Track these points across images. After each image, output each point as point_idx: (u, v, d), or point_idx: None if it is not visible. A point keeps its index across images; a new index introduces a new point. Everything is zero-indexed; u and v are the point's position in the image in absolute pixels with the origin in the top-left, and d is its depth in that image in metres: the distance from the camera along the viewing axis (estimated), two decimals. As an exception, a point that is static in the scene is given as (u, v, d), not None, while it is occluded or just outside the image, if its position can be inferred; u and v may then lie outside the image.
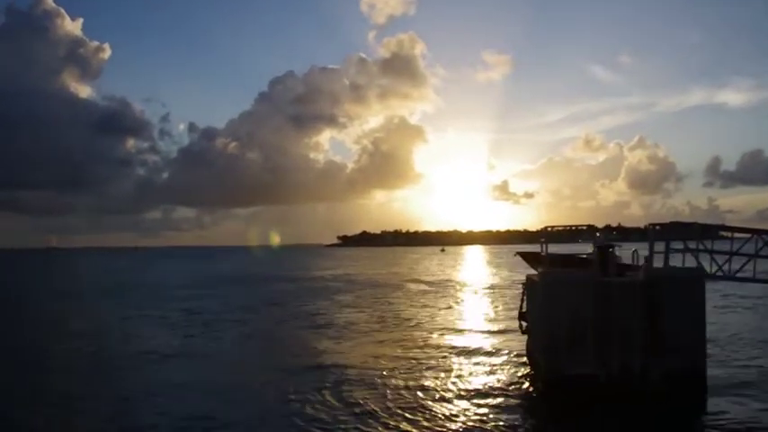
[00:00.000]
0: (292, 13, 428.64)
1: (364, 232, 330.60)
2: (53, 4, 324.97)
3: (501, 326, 22.13)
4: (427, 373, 14.70)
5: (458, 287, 41.72)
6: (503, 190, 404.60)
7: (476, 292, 37.46)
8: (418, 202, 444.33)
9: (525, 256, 16.39)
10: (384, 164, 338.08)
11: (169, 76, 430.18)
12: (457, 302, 32.14)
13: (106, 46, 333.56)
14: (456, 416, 11.24)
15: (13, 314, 30.01)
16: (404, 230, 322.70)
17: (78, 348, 19.60)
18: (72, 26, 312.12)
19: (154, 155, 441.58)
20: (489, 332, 21.19)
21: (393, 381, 13.85)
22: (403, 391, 12.86)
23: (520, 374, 14.31)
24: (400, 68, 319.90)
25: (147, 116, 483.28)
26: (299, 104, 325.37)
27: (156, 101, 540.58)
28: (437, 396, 12.57)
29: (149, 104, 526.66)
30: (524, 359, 15.32)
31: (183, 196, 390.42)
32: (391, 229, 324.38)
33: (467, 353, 17.36)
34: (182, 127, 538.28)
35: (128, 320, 26.11)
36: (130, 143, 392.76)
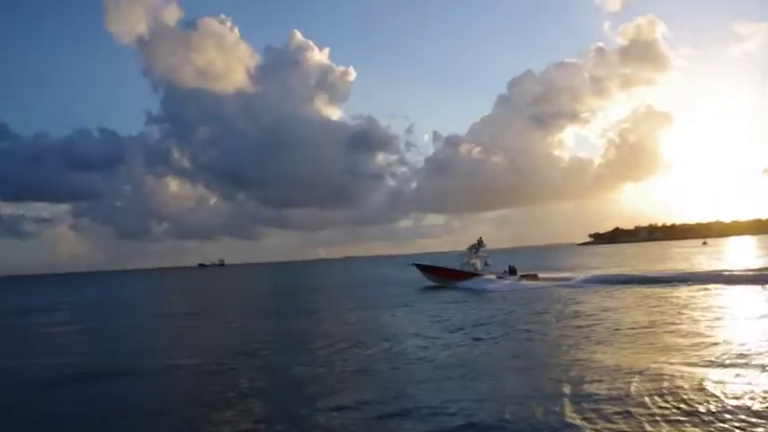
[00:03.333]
0: (525, 12, 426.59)
1: (617, 228, 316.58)
2: (303, 38, 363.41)
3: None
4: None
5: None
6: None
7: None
8: (672, 193, 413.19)
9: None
10: (632, 155, 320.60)
11: (409, 89, 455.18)
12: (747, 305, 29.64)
13: (351, 69, 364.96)
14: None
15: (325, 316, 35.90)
16: (659, 224, 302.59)
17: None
18: (320, 56, 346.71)
19: (402, 166, 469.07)
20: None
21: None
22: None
23: None
24: (641, 54, 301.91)
25: (392, 130, 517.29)
26: (539, 103, 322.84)
27: (399, 115, 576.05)
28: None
29: (394, 119, 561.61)
30: None
31: (431, 203, 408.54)
32: (645, 224, 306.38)
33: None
34: (426, 137, 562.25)
35: (414, 321, 30.08)
36: (380, 157, 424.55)
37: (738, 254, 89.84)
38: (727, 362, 15.83)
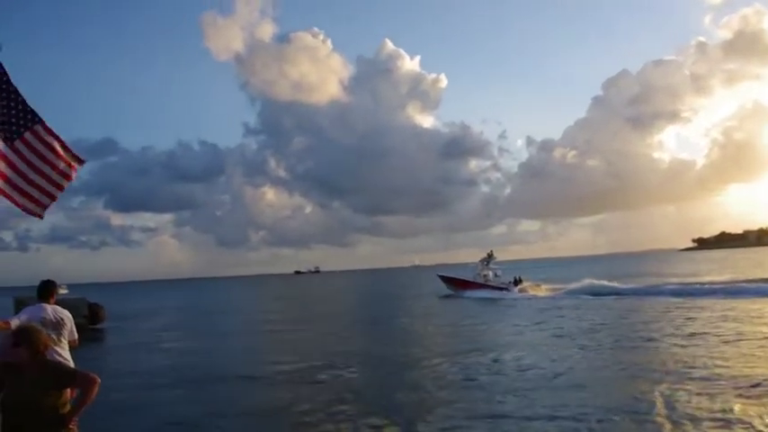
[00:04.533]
0: (618, 10, 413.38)
1: (723, 233, 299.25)
2: (393, 47, 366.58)
3: None
4: None
5: None
6: None
7: None
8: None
9: None
10: (739, 155, 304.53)
11: (502, 94, 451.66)
12: None
13: (442, 76, 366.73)
14: None
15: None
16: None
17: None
18: (411, 64, 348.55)
19: (495, 172, 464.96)
20: None
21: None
22: None
23: None
24: (747, 47, 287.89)
25: (485, 136, 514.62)
26: (637, 103, 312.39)
27: (492, 120, 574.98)
28: None
29: (486, 125, 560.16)
30: None
31: (526, 209, 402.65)
32: (755, 227, 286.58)
33: None
34: (519, 142, 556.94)
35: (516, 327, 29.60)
36: (473, 164, 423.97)
37: None
38: None
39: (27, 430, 4.13)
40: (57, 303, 6.56)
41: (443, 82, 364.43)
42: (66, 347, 6.34)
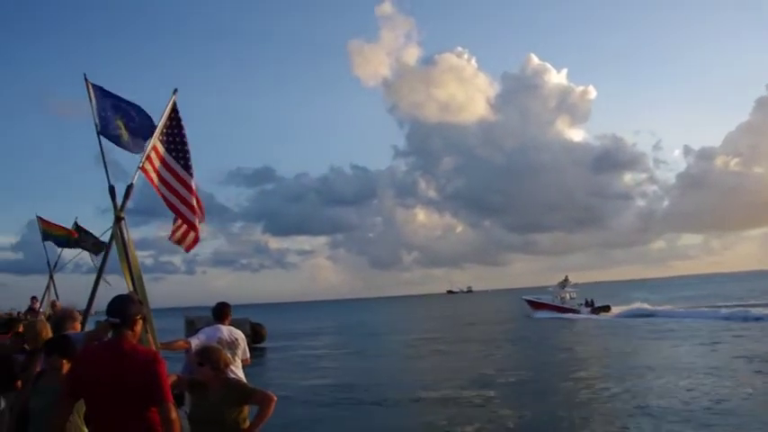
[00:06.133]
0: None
1: None
2: (539, 61, 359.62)
3: None
4: None
5: None
6: None
7: None
8: None
9: None
10: None
11: (654, 103, 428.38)
12: None
13: (590, 88, 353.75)
14: None
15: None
16: None
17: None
18: (558, 77, 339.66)
19: (652, 185, 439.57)
20: None
21: None
22: None
23: None
24: None
25: (639, 147, 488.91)
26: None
27: (645, 131, 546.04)
28: None
29: (639, 135, 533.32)
30: None
31: (686, 222, 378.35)
32: None
33: None
34: (676, 152, 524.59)
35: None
36: (627, 177, 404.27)
37: None
38: None
39: (213, 444, 4.54)
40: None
41: (592, 93, 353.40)
42: (240, 366, 6.82)
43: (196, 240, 6.88)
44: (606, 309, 58.31)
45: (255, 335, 40.92)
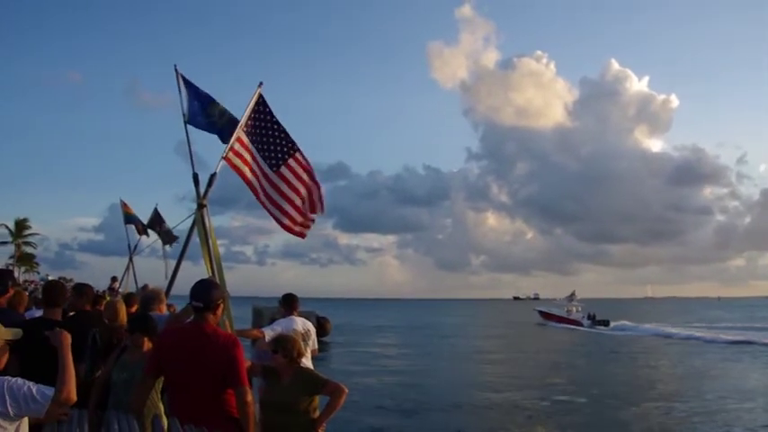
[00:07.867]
0: None
1: None
2: (619, 67, 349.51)
3: None
4: None
5: None
6: None
7: None
8: None
9: None
10: None
11: (740, 115, 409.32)
12: None
13: (673, 97, 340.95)
14: None
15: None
16: None
17: None
18: (639, 85, 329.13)
19: (733, 200, 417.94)
20: None
21: None
22: None
23: None
24: None
25: (722, 161, 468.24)
26: None
27: (729, 143, 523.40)
28: None
29: (723, 148, 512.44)
30: None
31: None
32: None
33: None
34: (762, 167, 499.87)
35: None
36: (707, 191, 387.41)
37: None
38: None
39: (283, 430, 4.66)
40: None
41: (674, 103, 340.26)
42: (310, 356, 6.97)
43: (288, 228, 6.54)
44: (605, 323, 62.95)
45: (320, 328, 41.49)
